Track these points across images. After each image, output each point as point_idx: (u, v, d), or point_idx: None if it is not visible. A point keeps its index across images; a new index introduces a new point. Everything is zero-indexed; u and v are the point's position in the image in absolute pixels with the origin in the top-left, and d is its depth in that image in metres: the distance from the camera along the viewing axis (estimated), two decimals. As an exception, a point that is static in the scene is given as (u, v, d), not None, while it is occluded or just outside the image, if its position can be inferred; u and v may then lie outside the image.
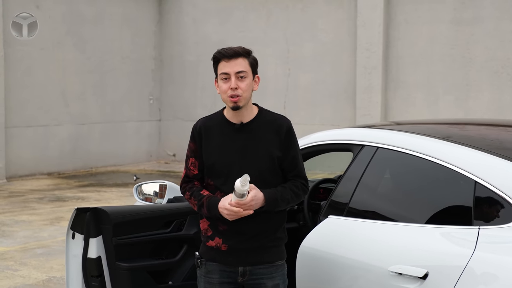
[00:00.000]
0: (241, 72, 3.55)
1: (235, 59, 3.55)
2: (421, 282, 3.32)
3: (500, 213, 3.32)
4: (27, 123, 14.74)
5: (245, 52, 3.58)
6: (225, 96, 3.56)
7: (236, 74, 3.54)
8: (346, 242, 3.80)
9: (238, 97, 3.53)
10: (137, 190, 5.38)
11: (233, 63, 3.55)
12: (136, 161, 17.01)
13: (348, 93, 14.94)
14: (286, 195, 3.58)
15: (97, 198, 12.15)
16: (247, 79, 3.56)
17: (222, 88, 3.56)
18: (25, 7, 14.26)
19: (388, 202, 3.96)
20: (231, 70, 3.54)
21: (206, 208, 3.57)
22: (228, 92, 3.53)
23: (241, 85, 3.54)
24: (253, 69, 3.61)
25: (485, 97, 13.59)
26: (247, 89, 3.56)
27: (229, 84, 3.53)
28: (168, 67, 17.35)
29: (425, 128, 4.39)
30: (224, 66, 3.55)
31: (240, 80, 3.54)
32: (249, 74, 3.58)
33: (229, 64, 3.55)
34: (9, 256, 8.12)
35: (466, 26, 13.65)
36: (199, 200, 3.60)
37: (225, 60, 3.56)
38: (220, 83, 3.58)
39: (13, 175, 14.39)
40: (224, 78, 3.55)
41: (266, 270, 3.61)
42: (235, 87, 3.52)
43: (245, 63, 3.57)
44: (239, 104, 3.54)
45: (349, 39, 14.83)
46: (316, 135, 4.48)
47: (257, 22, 15.98)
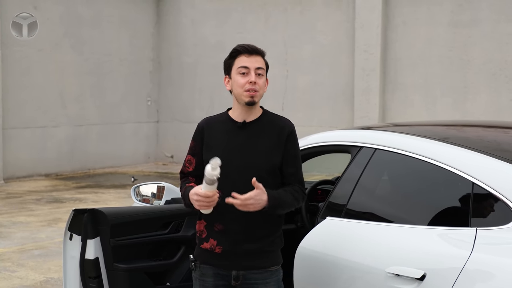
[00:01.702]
0: (259, 68, 3.57)
1: (256, 55, 3.58)
2: (419, 283, 3.32)
3: (497, 214, 3.32)
4: (25, 124, 14.74)
5: (263, 52, 3.63)
6: (240, 91, 3.55)
7: (256, 69, 3.56)
8: (344, 243, 3.80)
9: (256, 92, 3.54)
10: (135, 192, 5.38)
11: (253, 59, 3.57)
12: (134, 162, 17.01)
13: (346, 95, 14.95)
14: (287, 198, 3.54)
15: (94, 199, 12.15)
16: (263, 77, 3.59)
17: (239, 82, 3.55)
18: (23, 8, 14.25)
19: (386, 203, 3.96)
20: (251, 65, 3.55)
21: (183, 197, 3.58)
22: (245, 86, 3.53)
23: (259, 81, 3.55)
24: (266, 70, 3.63)
25: (482, 99, 13.60)
26: (263, 87, 3.58)
27: (248, 79, 3.53)
28: (166, 69, 17.35)
29: (423, 130, 4.40)
30: (244, 61, 3.56)
31: (258, 76, 3.56)
32: (265, 74, 3.60)
33: (249, 60, 3.56)
34: (6, 257, 8.11)
35: (464, 28, 13.67)
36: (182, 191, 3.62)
37: (245, 55, 3.57)
38: (236, 77, 3.57)
39: (11, 176, 14.38)
40: (242, 73, 3.55)
41: (261, 275, 3.57)
42: (254, 81, 3.53)
43: (263, 62, 3.60)
44: (255, 100, 3.54)
45: (347, 41, 14.84)
46: (314, 136, 4.48)
47: (256, 24, 15.99)
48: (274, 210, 3.50)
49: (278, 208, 3.51)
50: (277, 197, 3.49)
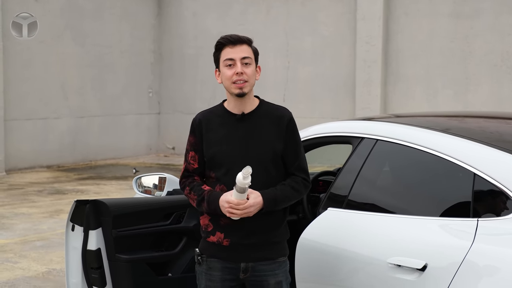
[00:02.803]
0: (246, 58, 3.52)
1: (240, 45, 3.53)
2: (420, 274, 3.33)
3: (499, 205, 3.33)
4: (27, 116, 14.74)
5: (248, 40, 3.57)
6: (228, 83, 3.52)
7: (241, 59, 3.51)
8: (345, 234, 3.81)
9: (244, 82, 3.50)
10: (137, 183, 5.39)
11: (238, 49, 3.52)
12: (136, 154, 17.02)
13: (347, 87, 14.94)
14: (286, 193, 3.52)
15: (96, 191, 12.17)
16: (251, 65, 3.54)
17: (226, 75, 3.52)
18: (24, 0, 14.26)
19: (387, 194, 3.96)
20: (236, 55, 3.51)
21: (206, 203, 3.50)
22: (233, 77, 3.50)
23: (247, 70, 3.51)
24: (255, 57, 3.59)
25: (484, 90, 13.59)
26: (252, 75, 3.53)
27: (234, 70, 3.49)
28: (168, 61, 17.34)
29: (425, 121, 4.39)
30: (229, 52, 3.52)
31: (245, 66, 3.51)
32: (253, 62, 3.56)
33: (234, 50, 3.52)
34: (8, 248, 8.13)
35: (466, 20, 13.64)
36: (199, 195, 3.54)
37: (229, 46, 3.53)
38: (224, 70, 3.53)
39: (13, 168, 14.40)
40: (229, 65, 3.52)
41: (269, 267, 3.56)
42: (241, 71, 3.49)
43: (249, 50, 3.56)
44: (244, 91, 3.51)
45: (349, 33, 14.82)
46: (315, 127, 4.47)
47: (257, 15, 15.97)
48: (273, 208, 3.50)
49: (275, 205, 3.50)
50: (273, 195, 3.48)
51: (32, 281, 6.91)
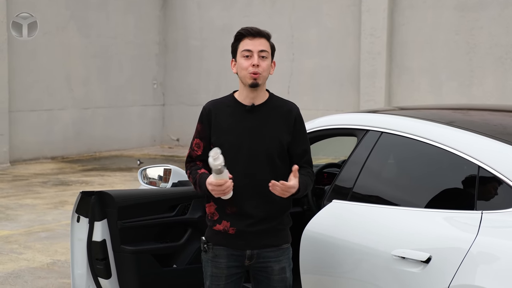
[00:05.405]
0: (263, 51, 3.61)
1: (259, 38, 3.62)
2: (424, 266, 3.34)
3: (503, 197, 3.33)
4: (31, 107, 14.75)
5: (267, 34, 3.66)
6: (245, 73, 3.60)
7: (259, 52, 3.60)
8: (349, 226, 3.82)
9: (258, 74, 3.58)
10: (142, 174, 5.40)
11: (257, 41, 3.61)
12: (140, 145, 17.04)
13: (352, 79, 14.93)
14: (309, 181, 3.66)
15: (100, 182, 12.19)
16: (267, 59, 3.63)
17: (243, 65, 3.60)
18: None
19: (391, 186, 3.97)
20: (254, 48, 3.60)
21: (198, 186, 3.61)
22: (249, 69, 3.58)
23: (262, 64, 3.59)
24: (272, 52, 3.67)
25: (488, 83, 13.57)
26: (267, 69, 3.62)
27: (251, 61, 3.58)
28: (172, 52, 17.34)
29: (429, 113, 4.40)
30: (248, 44, 3.61)
31: (261, 59, 3.60)
32: (269, 56, 3.64)
33: (252, 42, 3.61)
34: (13, 239, 8.16)
35: (471, 12, 13.61)
36: (194, 178, 3.65)
37: (249, 38, 3.61)
38: (241, 60, 3.62)
39: (17, 159, 14.42)
40: (246, 56, 3.60)
41: (273, 253, 3.65)
42: (257, 64, 3.57)
43: (267, 45, 3.64)
44: (258, 82, 3.59)
45: (354, 25, 14.80)
46: (320, 120, 4.49)
47: (262, 7, 15.95)
48: (302, 194, 3.62)
49: (304, 191, 3.62)
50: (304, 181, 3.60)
51: (37, 272, 6.94)
